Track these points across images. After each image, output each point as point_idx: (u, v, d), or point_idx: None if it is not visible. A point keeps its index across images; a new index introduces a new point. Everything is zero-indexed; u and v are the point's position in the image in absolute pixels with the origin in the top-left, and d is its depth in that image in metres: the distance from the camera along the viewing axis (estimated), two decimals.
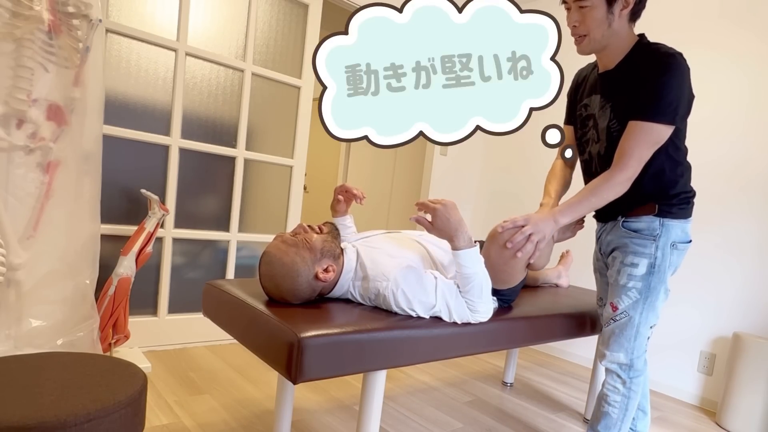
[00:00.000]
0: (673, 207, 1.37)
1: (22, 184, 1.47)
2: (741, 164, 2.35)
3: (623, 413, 1.46)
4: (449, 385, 2.30)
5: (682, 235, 1.40)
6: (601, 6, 1.29)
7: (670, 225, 1.37)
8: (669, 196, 1.37)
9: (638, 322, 1.40)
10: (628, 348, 1.42)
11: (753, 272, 2.28)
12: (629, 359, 1.42)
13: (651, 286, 1.39)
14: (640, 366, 1.44)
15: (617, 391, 1.45)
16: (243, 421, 1.67)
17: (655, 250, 1.37)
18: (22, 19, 1.41)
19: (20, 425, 0.74)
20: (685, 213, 1.40)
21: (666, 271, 1.39)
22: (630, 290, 1.41)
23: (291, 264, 1.19)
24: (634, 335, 1.41)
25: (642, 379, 1.46)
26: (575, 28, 1.35)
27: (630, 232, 1.41)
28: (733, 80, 2.39)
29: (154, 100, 2.18)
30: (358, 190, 1.49)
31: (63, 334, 1.58)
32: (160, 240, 2.26)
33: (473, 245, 1.25)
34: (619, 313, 1.43)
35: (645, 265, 1.38)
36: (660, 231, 1.37)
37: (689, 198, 1.40)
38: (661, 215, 1.37)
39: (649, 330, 1.43)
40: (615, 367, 1.44)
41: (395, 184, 4.17)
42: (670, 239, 1.37)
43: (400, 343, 1.15)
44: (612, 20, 1.31)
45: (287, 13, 2.54)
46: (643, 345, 1.42)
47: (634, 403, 1.46)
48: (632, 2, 1.30)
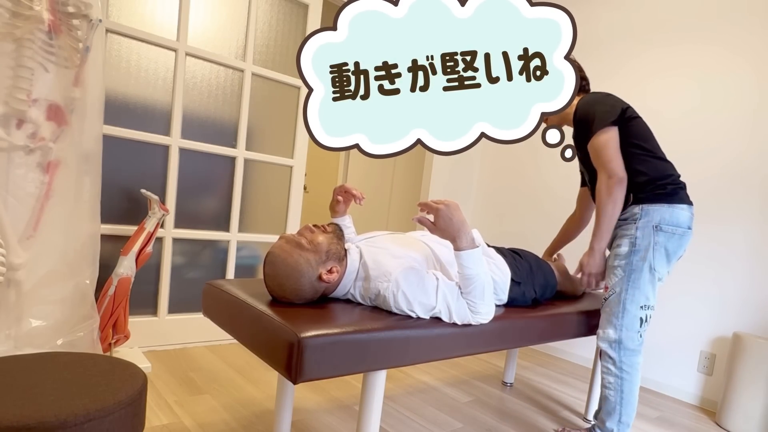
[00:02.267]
0: (648, 193, 1.54)
1: (22, 184, 1.47)
2: (741, 165, 2.35)
3: (619, 396, 1.56)
4: (449, 385, 2.30)
5: (670, 219, 1.52)
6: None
7: (651, 209, 1.54)
8: (641, 185, 1.56)
9: (624, 298, 1.54)
10: (616, 324, 1.55)
11: (753, 272, 2.28)
12: (618, 335, 1.54)
13: (633, 264, 1.54)
14: (631, 345, 1.54)
15: (610, 372, 1.57)
16: (243, 421, 1.67)
17: (635, 230, 1.54)
18: (22, 19, 1.41)
19: (20, 425, 0.73)
20: (667, 198, 1.54)
21: (649, 251, 1.52)
22: (616, 269, 1.58)
23: (295, 265, 1.19)
24: (622, 312, 1.55)
25: (636, 361, 1.55)
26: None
27: (620, 222, 1.61)
28: (740, 82, 2.39)
29: (154, 100, 2.18)
30: (357, 190, 1.49)
31: (63, 334, 1.57)
32: (160, 240, 2.26)
33: (475, 246, 1.24)
34: (608, 292, 1.60)
35: (627, 245, 1.56)
36: (640, 214, 1.55)
37: (665, 184, 1.55)
38: (638, 202, 1.56)
39: (640, 310, 1.54)
40: (606, 346, 1.58)
41: (395, 184, 4.17)
42: (651, 221, 1.53)
43: (400, 343, 1.15)
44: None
45: (287, 13, 2.54)
46: (633, 324, 1.54)
47: (630, 386, 1.55)
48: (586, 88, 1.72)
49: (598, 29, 2.96)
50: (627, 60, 2.81)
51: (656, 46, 2.69)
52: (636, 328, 1.54)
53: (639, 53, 2.76)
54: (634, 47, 2.78)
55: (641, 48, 2.75)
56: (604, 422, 1.59)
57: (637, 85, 2.76)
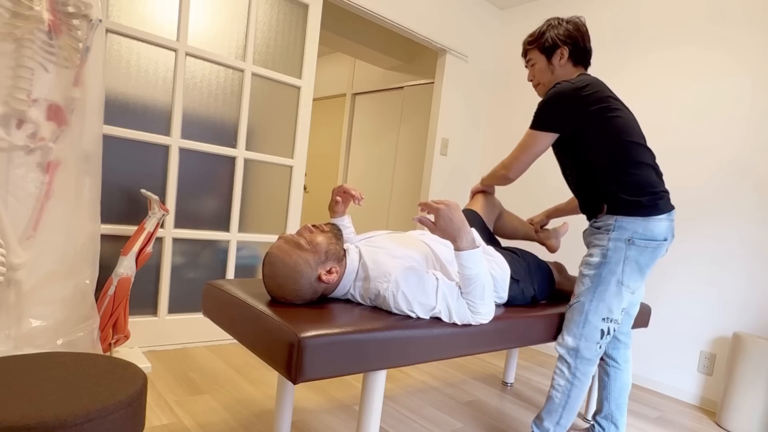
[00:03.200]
0: (622, 205, 1.47)
1: (22, 184, 1.47)
2: (740, 165, 2.35)
3: (565, 399, 1.53)
4: (449, 385, 2.30)
5: (644, 233, 1.46)
6: (541, 60, 1.64)
7: (625, 222, 1.47)
8: (616, 197, 1.48)
9: (587, 309, 1.50)
10: (576, 333, 1.52)
11: (753, 272, 2.28)
12: (576, 344, 1.52)
13: (601, 276, 1.49)
14: (587, 355, 1.51)
15: (562, 375, 1.54)
16: (243, 421, 1.67)
17: (608, 242, 1.48)
18: (22, 19, 1.41)
19: (20, 425, 0.73)
20: (643, 211, 1.45)
21: (619, 265, 1.47)
22: (584, 278, 1.54)
23: (294, 265, 1.19)
24: (583, 322, 1.51)
25: (590, 370, 1.52)
26: (531, 81, 1.71)
27: (594, 230, 1.55)
28: (738, 83, 2.39)
29: (154, 100, 2.18)
30: (356, 191, 1.49)
31: (63, 334, 1.57)
32: (160, 240, 2.26)
33: (476, 246, 1.25)
34: (574, 299, 1.56)
35: (598, 255, 1.50)
36: (613, 226, 1.48)
37: (642, 196, 1.46)
38: (613, 212, 1.49)
39: (602, 322, 1.50)
40: (563, 351, 1.54)
41: (395, 184, 4.17)
42: (624, 235, 1.46)
43: (400, 343, 1.15)
44: (554, 69, 1.63)
45: (287, 13, 2.54)
46: (592, 335, 1.50)
47: (578, 392, 1.53)
48: (566, 54, 1.60)
49: (602, 31, 2.96)
50: (628, 61, 2.81)
51: (657, 48, 2.69)
52: (596, 339, 1.50)
53: (639, 54, 2.76)
54: (635, 48, 2.78)
55: (642, 49, 2.75)
56: (543, 420, 1.56)
57: (637, 85, 2.76)
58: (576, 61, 1.62)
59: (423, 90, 4.01)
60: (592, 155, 1.50)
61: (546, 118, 1.52)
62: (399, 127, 4.22)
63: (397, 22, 2.95)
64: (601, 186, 1.50)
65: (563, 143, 1.56)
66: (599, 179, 1.50)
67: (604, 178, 1.49)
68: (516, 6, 3.50)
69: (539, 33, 1.64)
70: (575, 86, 1.47)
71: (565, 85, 1.49)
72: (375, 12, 2.82)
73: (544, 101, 1.52)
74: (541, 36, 1.63)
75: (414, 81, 4.08)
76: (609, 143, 1.47)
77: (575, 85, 1.47)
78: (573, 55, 1.60)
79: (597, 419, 1.77)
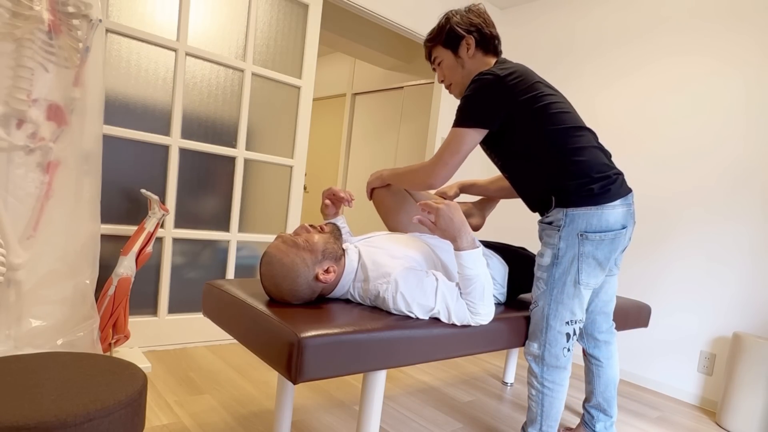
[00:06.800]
0: (572, 196, 1.35)
1: (22, 184, 1.47)
2: (740, 165, 2.35)
3: (540, 408, 1.46)
4: (449, 385, 2.30)
5: (598, 224, 1.34)
6: (448, 55, 1.50)
7: (575, 214, 1.34)
8: (563, 188, 1.36)
9: (546, 313, 1.40)
10: (540, 339, 1.43)
11: (753, 272, 2.28)
12: (540, 351, 1.43)
13: (555, 278, 1.38)
14: (553, 362, 1.42)
15: (533, 385, 1.48)
16: (243, 421, 1.67)
17: (558, 240, 1.37)
18: (22, 19, 1.41)
19: (20, 425, 0.73)
20: (595, 200, 1.33)
21: (573, 264, 1.36)
22: (538, 280, 1.43)
23: (291, 265, 1.18)
24: (545, 327, 1.41)
25: (561, 377, 1.44)
26: (442, 82, 1.57)
27: (544, 226, 1.43)
28: (733, 84, 2.39)
29: (154, 100, 2.18)
30: (345, 192, 1.48)
31: (63, 334, 1.58)
32: (160, 240, 2.26)
33: (476, 246, 1.25)
34: (533, 303, 1.46)
35: (549, 256, 1.39)
36: (564, 221, 1.36)
37: (592, 183, 1.34)
38: (561, 206, 1.37)
39: (566, 326, 1.40)
40: (530, 359, 1.47)
41: None
42: (576, 229, 1.35)
43: (399, 343, 1.15)
44: (463, 62, 1.49)
45: (287, 13, 2.54)
46: (557, 340, 1.40)
47: (551, 401, 1.45)
48: (473, 44, 1.46)
49: (600, 33, 2.96)
50: (630, 62, 2.81)
51: (658, 49, 2.69)
52: (561, 344, 1.41)
53: (640, 55, 2.76)
54: (635, 49, 2.78)
55: (642, 50, 2.75)
56: (526, 430, 1.53)
57: (636, 86, 2.76)
58: (486, 50, 1.49)
59: (423, 90, 4.01)
60: (528, 148, 1.38)
61: (471, 112, 1.36)
62: (399, 127, 4.22)
63: (397, 21, 2.95)
64: (545, 179, 1.39)
65: (494, 139, 1.43)
66: (541, 172, 1.39)
67: (546, 169, 1.37)
68: (516, 6, 3.50)
69: (439, 27, 1.50)
70: (499, 75, 1.34)
71: (488, 76, 1.34)
72: (375, 12, 2.82)
73: (468, 95, 1.37)
74: (441, 30, 1.49)
75: (414, 81, 4.08)
76: (545, 132, 1.35)
77: (499, 74, 1.34)
78: (480, 44, 1.47)
79: (586, 407, 1.74)
